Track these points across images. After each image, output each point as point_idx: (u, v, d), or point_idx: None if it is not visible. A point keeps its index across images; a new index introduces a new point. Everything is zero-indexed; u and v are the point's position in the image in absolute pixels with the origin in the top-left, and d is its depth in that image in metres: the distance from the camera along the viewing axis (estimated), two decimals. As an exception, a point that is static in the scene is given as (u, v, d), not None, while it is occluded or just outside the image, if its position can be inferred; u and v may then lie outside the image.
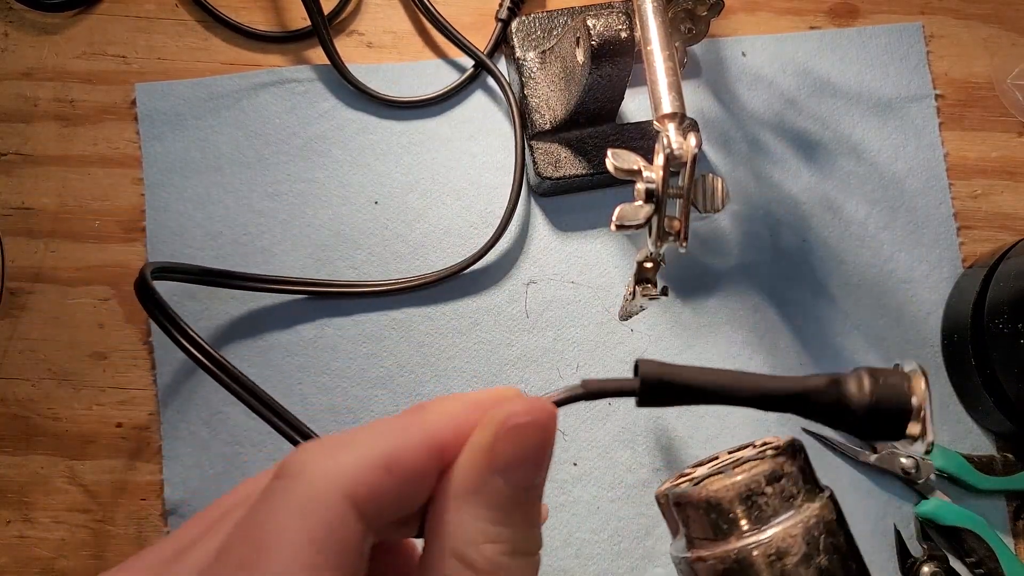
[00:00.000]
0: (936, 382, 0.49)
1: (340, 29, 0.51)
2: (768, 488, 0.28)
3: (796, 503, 0.28)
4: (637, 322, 0.48)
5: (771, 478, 0.28)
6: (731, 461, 0.30)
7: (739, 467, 0.28)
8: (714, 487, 0.28)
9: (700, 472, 0.30)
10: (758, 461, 0.28)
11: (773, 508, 0.27)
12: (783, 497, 0.28)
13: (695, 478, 0.30)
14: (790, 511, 0.28)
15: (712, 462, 0.32)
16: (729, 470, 0.29)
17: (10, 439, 0.45)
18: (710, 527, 0.28)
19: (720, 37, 0.53)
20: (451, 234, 0.48)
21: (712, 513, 0.28)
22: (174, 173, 0.48)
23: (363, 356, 0.46)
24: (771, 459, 0.28)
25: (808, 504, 0.28)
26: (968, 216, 0.52)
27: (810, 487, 0.29)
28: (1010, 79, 0.53)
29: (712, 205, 0.35)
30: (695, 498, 0.28)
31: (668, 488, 0.30)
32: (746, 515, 0.28)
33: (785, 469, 0.28)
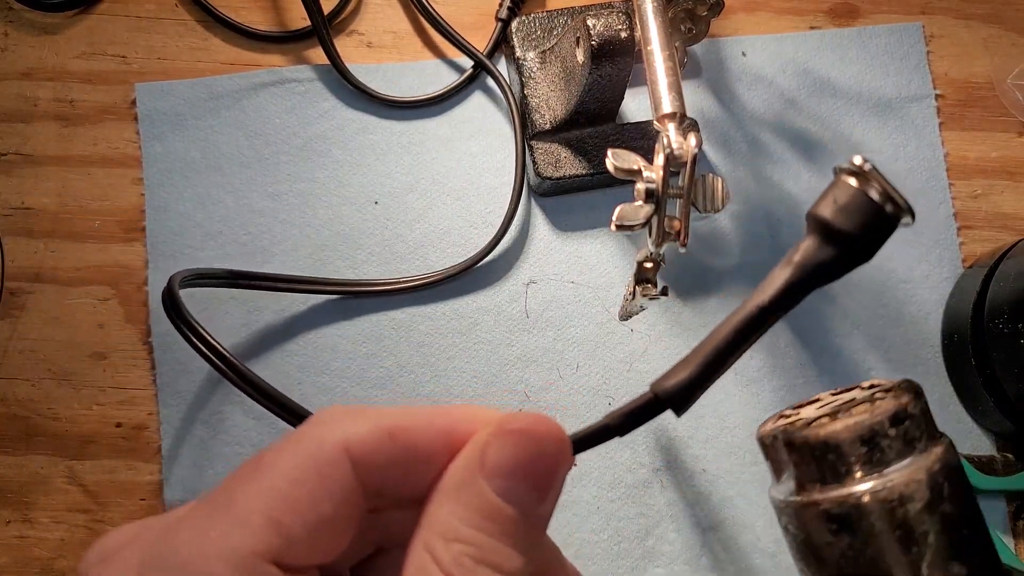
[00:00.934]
0: (936, 382, 0.49)
1: (340, 29, 0.51)
2: (892, 430, 0.26)
3: (919, 446, 0.26)
4: (637, 322, 0.48)
5: (895, 419, 0.26)
6: (841, 402, 0.28)
7: (858, 407, 0.27)
8: (835, 427, 0.26)
9: (808, 412, 0.29)
10: (879, 400, 0.26)
11: (896, 451, 0.26)
12: (906, 440, 0.26)
13: (804, 419, 0.28)
14: (912, 455, 0.26)
15: (812, 404, 0.30)
16: (845, 410, 0.27)
17: (10, 439, 0.45)
18: (826, 470, 0.26)
19: (720, 37, 0.53)
20: (451, 234, 0.48)
21: (830, 454, 0.26)
22: (174, 173, 0.48)
23: (363, 356, 0.46)
24: (894, 399, 0.26)
25: (931, 448, 0.26)
26: (968, 216, 0.52)
27: (932, 430, 0.27)
28: (1010, 79, 0.53)
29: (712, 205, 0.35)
30: (812, 438, 0.26)
31: (775, 428, 0.28)
32: (867, 457, 0.26)
33: (910, 410, 0.26)
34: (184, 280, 0.41)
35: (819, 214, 0.23)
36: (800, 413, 0.29)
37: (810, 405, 0.29)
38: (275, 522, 0.18)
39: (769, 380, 0.48)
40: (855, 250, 0.23)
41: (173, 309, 0.40)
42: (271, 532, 0.18)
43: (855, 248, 0.23)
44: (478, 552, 0.19)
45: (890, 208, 0.22)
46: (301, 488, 0.19)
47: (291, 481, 0.19)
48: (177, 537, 0.18)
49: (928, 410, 0.27)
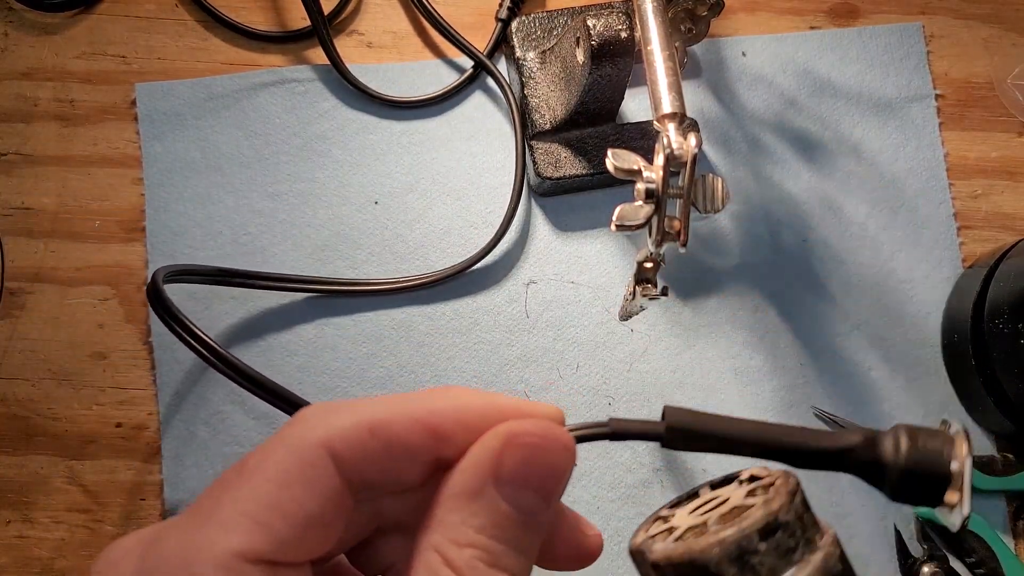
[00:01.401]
0: (936, 382, 0.49)
1: (340, 29, 0.51)
2: (762, 545, 0.23)
3: (795, 558, 0.24)
4: (637, 322, 0.48)
5: (765, 531, 0.23)
6: (715, 504, 0.26)
7: (727, 516, 0.25)
8: (698, 546, 0.23)
9: (678, 518, 0.27)
10: (749, 507, 0.24)
11: (769, 567, 0.23)
12: (779, 553, 0.23)
13: (674, 528, 0.26)
14: (789, 568, 0.24)
15: (690, 501, 0.28)
16: (715, 519, 0.25)
17: (10, 439, 0.44)
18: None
19: (720, 37, 0.53)
20: (451, 234, 0.48)
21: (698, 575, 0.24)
22: (174, 173, 0.48)
23: (363, 356, 0.46)
24: (763, 506, 0.24)
25: (809, 556, 0.24)
26: (968, 216, 0.52)
27: (810, 534, 0.24)
28: (1010, 79, 0.53)
29: (712, 205, 0.35)
30: (676, 559, 0.24)
31: (644, 542, 0.26)
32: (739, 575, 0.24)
33: (781, 518, 0.24)
34: (168, 275, 0.41)
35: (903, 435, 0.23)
36: (674, 516, 0.27)
37: (688, 503, 0.27)
38: (261, 524, 0.18)
39: (769, 380, 0.48)
40: (892, 481, 0.23)
41: (159, 302, 0.40)
42: (257, 534, 0.18)
43: (893, 480, 0.23)
44: (489, 557, 0.20)
45: (950, 494, 0.22)
46: (286, 490, 0.19)
47: (275, 483, 0.19)
48: (166, 544, 0.19)
49: (807, 508, 0.25)
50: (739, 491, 0.26)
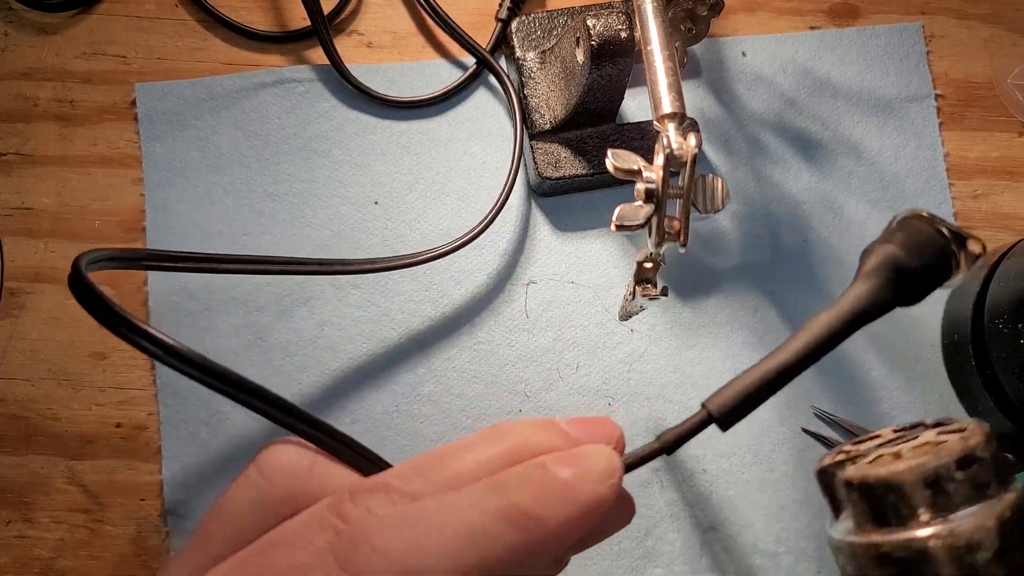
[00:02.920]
0: (936, 382, 0.49)
1: (340, 29, 0.51)
2: (958, 473, 0.24)
3: (989, 492, 0.24)
4: (637, 322, 0.48)
5: (962, 462, 0.24)
6: (902, 440, 0.27)
7: (921, 448, 0.25)
8: (897, 467, 0.24)
9: (865, 448, 0.27)
10: (945, 441, 0.25)
11: (964, 495, 0.24)
12: (974, 484, 0.24)
13: (864, 454, 0.27)
14: (981, 501, 0.24)
15: (873, 439, 0.29)
16: (910, 449, 0.25)
17: (10, 439, 0.44)
18: (888, 511, 0.25)
19: (720, 37, 0.53)
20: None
21: (891, 495, 0.24)
22: (174, 173, 0.48)
23: (363, 356, 0.46)
24: (961, 440, 0.25)
25: (1003, 494, 0.24)
26: (968, 216, 0.52)
27: (1004, 475, 0.25)
28: (1010, 79, 0.53)
29: (712, 205, 0.35)
30: (872, 478, 0.25)
31: (833, 463, 0.27)
32: (932, 501, 0.24)
33: (978, 453, 0.24)
34: (91, 262, 0.30)
35: (887, 250, 0.24)
36: (860, 449, 0.28)
37: (871, 441, 0.28)
38: None
39: (769, 380, 0.48)
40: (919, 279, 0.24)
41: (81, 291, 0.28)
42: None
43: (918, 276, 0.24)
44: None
45: (973, 244, 0.24)
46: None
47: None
48: None
49: (1002, 454, 0.26)
50: (928, 432, 0.27)
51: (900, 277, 0.23)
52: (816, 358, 0.23)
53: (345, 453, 0.24)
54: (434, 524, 0.20)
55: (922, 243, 0.24)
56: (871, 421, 0.48)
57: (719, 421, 0.23)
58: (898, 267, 0.23)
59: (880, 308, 0.23)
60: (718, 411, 0.23)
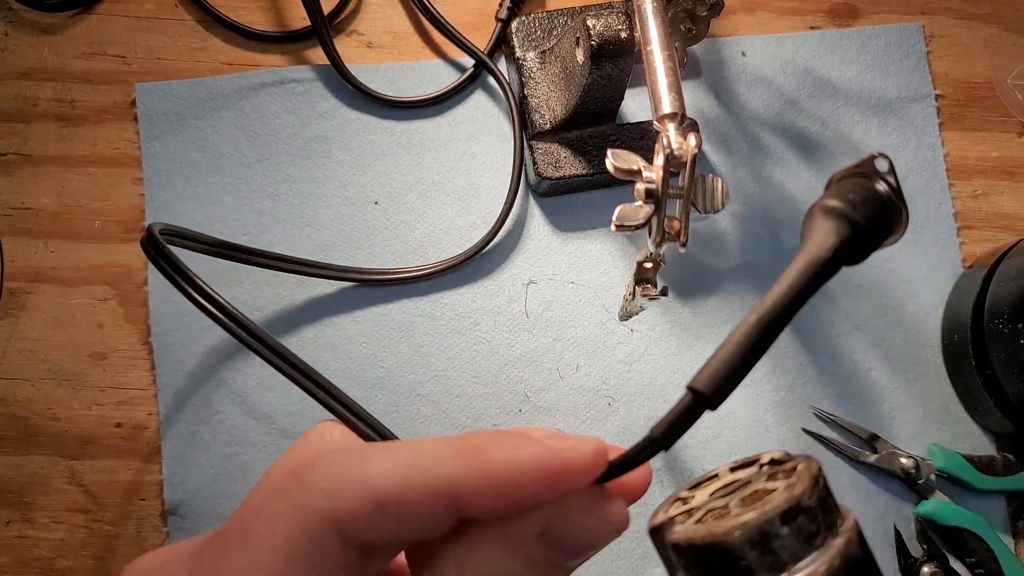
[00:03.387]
0: (936, 382, 0.49)
1: (340, 29, 0.51)
2: (784, 529, 0.23)
3: (816, 542, 0.23)
4: (637, 322, 0.48)
5: (787, 516, 0.23)
6: (735, 486, 0.26)
7: (749, 499, 0.24)
8: (720, 529, 0.23)
9: (698, 499, 0.26)
10: (772, 491, 0.24)
11: (791, 551, 0.23)
12: (802, 537, 0.23)
13: (694, 509, 0.26)
14: (811, 553, 0.23)
15: (710, 482, 0.28)
16: (736, 502, 0.24)
17: (10, 439, 0.45)
18: (719, 574, 0.24)
19: (720, 37, 0.53)
20: (451, 234, 0.48)
21: (718, 559, 0.23)
22: (174, 173, 0.48)
23: (363, 356, 0.46)
24: (785, 490, 0.23)
25: (831, 541, 0.23)
26: (968, 216, 0.52)
27: (831, 519, 0.24)
28: (1010, 79, 0.53)
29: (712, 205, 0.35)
30: (698, 541, 0.24)
31: (663, 521, 0.26)
32: (759, 562, 0.23)
33: (803, 503, 0.23)
34: (164, 231, 0.34)
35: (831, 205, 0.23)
36: (695, 498, 0.26)
37: (708, 485, 0.27)
38: None
39: (769, 380, 0.48)
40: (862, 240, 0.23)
41: (158, 253, 0.33)
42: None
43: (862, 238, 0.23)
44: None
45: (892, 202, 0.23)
46: (288, 565, 0.19)
47: (279, 556, 0.19)
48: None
49: (829, 493, 0.24)
50: (760, 474, 0.26)
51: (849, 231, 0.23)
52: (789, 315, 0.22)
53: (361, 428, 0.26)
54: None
55: (864, 198, 0.24)
56: (871, 421, 0.48)
57: (708, 399, 0.21)
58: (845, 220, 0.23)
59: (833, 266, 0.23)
60: (706, 387, 0.21)
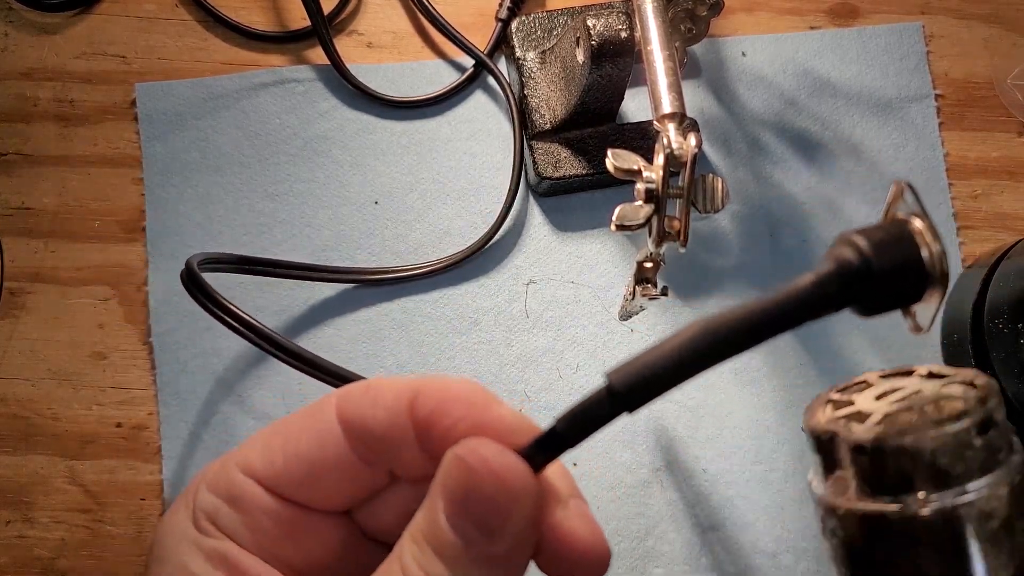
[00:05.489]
0: (936, 382, 0.49)
1: (340, 29, 0.51)
2: (978, 440, 0.22)
3: (1000, 457, 0.23)
4: (637, 322, 0.48)
5: (982, 427, 0.22)
6: (908, 393, 0.25)
7: (935, 405, 0.23)
8: (917, 433, 0.22)
9: (865, 403, 0.25)
10: (958, 400, 0.23)
11: (979, 463, 0.22)
12: (990, 450, 0.22)
13: (864, 413, 0.24)
14: (995, 467, 0.22)
15: (864, 388, 0.26)
16: (921, 407, 0.23)
17: (10, 439, 0.44)
18: (898, 479, 0.23)
19: (720, 37, 0.53)
20: (451, 234, 0.48)
21: (905, 463, 0.22)
22: (174, 173, 0.48)
23: (363, 356, 0.46)
24: (980, 403, 0.23)
25: (1011, 456, 0.23)
26: (968, 216, 0.52)
27: (1009, 436, 0.23)
28: (1010, 79, 0.53)
29: (712, 205, 0.35)
30: (890, 444, 0.22)
31: (832, 422, 0.24)
32: (948, 470, 0.22)
33: (995, 417, 0.23)
34: (201, 263, 0.40)
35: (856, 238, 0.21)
36: (856, 403, 0.25)
37: (860, 391, 0.26)
38: (267, 448, 0.23)
39: (769, 380, 0.48)
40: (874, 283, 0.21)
41: (198, 289, 0.39)
42: (262, 457, 0.23)
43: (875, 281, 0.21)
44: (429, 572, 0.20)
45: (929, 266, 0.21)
46: (293, 437, 0.23)
47: (292, 429, 0.23)
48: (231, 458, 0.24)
49: (1005, 411, 0.24)
50: (929, 384, 0.25)
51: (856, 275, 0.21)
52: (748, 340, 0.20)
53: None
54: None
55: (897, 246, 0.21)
56: (871, 421, 0.48)
57: (622, 397, 0.20)
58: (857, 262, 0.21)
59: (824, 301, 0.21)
60: (620, 384, 0.20)
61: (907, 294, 0.21)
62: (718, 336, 0.20)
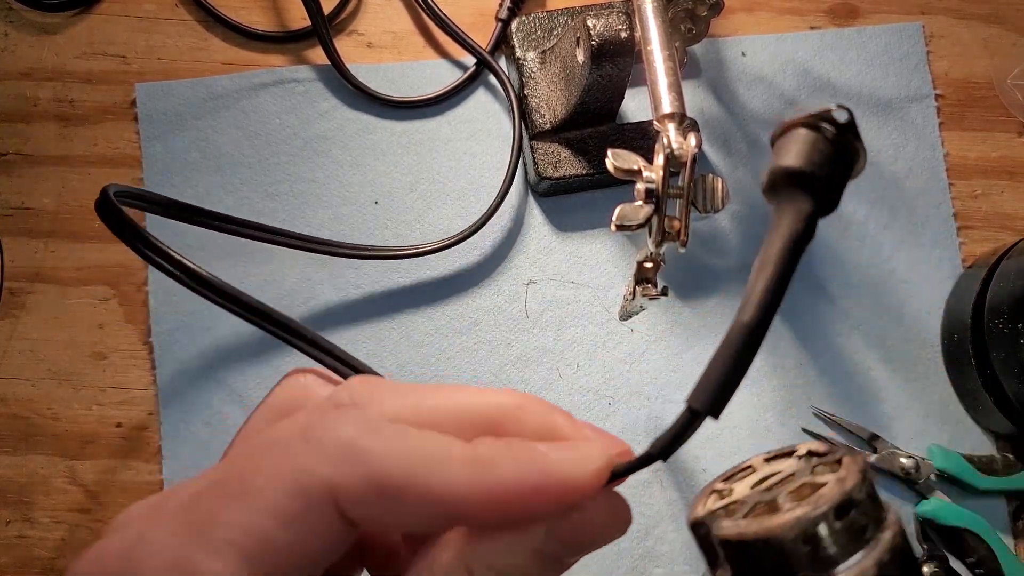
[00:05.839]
0: (936, 382, 0.49)
1: (340, 29, 0.51)
2: (837, 524, 0.22)
3: (866, 536, 0.23)
4: (637, 322, 0.48)
5: (840, 510, 0.22)
6: (777, 479, 0.25)
7: (797, 493, 0.24)
8: (773, 524, 0.23)
9: (739, 492, 0.26)
10: (821, 485, 0.24)
11: (842, 546, 0.23)
12: (852, 532, 0.23)
13: (737, 503, 0.25)
14: (862, 548, 0.23)
15: (745, 474, 0.27)
16: (784, 495, 0.24)
17: (10, 439, 0.45)
18: (768, 571, 0.23)
19: (720, 37, 0.53)
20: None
21: (770, 554, 0.23)
22: (174, 173, 0.48)
23: (363, 356, 0.46)
24: (837, 484, 0.23)
25: (878, 535, 0.23)
26: (968, 216, 0.52)
27: (877, 513, 0.24)
28: (1010, 79, 0.53)
29: (712, 205, 0.35)
30: (749, 536, 0.23)
31: (708, 516, 0.25)
32: (811, 557, 0.23)
33: (855, 496, 0.23)
34: (119, 193, 0.33)
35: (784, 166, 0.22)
36: (734, 491, 0.26)
37: (744, 478, 0.27)
38: (251, 560, 0.18)
39: (769, 380, 0.48)
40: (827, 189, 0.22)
41: (112, 215, 0.32)
42: (245, 571, 0.18)
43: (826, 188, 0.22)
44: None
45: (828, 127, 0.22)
46: (282, 529, 0.18)
47: (274, 519, 0.18)
48: (155, 543, 0.19)
49: (873, 487, 0.24)
50: (802, 466, 0.25)
51: (815, 190, 0.22)
52: (774, 308, 0.22)
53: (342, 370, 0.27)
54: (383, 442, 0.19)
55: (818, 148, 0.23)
56: (871, 421, 0.48)
57: (709, 413, 0.22)
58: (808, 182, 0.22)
59: (810, 226, 0.22)
60: (704, 406, 0.22)
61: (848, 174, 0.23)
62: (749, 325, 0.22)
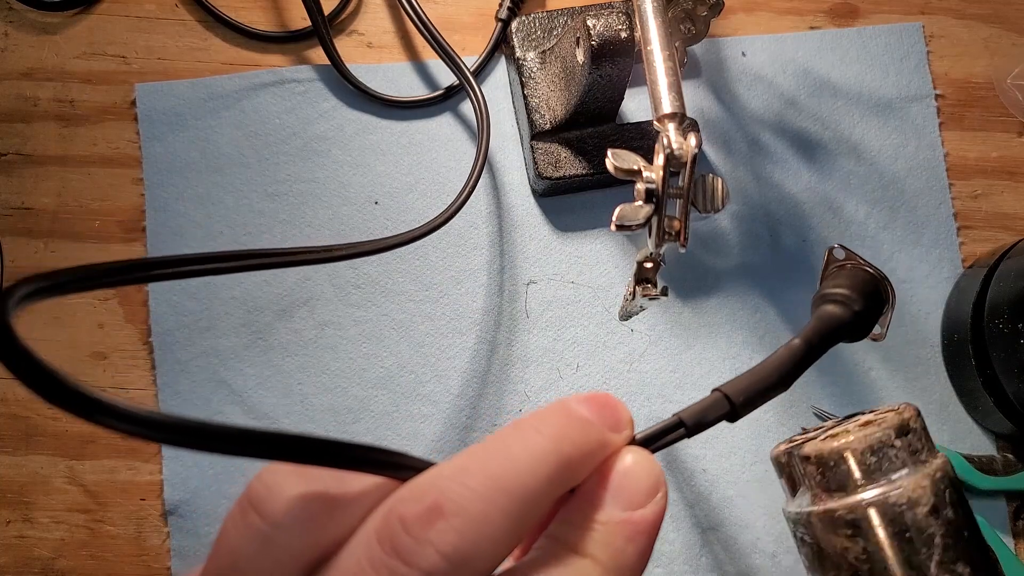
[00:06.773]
0: (936, 382, 0.49)
1: (340, 29, 0.51)
2: (897, 441, 0.29)
3: (922, 457, 0.29)
4: (637, 322, 0.48)
5: (900, 431, 0.29)
6: (851, 422, 0.31)
7: (864, 425, 0.29)
8: (847, 439, 0.29)
9: (815, 434, 0.31)
10: (884, 416, 0.29)
11: (902, 460, 0.29)
12: (910, 450, 0.29)
13: (814, 437, 0.31)
14: (917, 464, 0.29)
15: (821, 428, 0.33)
16: (855, 427, 0.29)
17: (10, 439, 0.45)
18: (839, 479, 0.29)
19: (720, 37, 0.53)
20: (451, 234, 0.48)
21: (842, 464, 0.29)
22: (174, 173, 0.48)
23: (363, 356, 0.46)
24: (897, 415, 0.29)
25: (932, 459, 0.29)
26: (968, 216, 0.52)
27: (931, 445, 0.30)
28: (1010, 79, 0.53)
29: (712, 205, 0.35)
30: (825, 450, 0.29)
31: (790, 446, 0.31)
32: (876, 466, 0.28)
33: (912, 424, 0.29)
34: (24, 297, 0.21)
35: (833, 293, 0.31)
36: (810, 435, 0.31)
37: (818, 430, 0.32)
38: None
39: (769, 380, 0.48)
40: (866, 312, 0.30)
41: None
42: None
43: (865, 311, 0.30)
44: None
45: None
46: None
47: None
48: None
49: (926, 428, 0.30)
50: (867, 416, 0.31)
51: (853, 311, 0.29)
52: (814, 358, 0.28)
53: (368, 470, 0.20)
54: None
55: (862, 283, 0.30)
56: (871, 421, 0.48)
57: (734, 406, 0.25)
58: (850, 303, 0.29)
59: (842, 329, 0.29)
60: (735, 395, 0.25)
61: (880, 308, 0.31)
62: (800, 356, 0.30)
